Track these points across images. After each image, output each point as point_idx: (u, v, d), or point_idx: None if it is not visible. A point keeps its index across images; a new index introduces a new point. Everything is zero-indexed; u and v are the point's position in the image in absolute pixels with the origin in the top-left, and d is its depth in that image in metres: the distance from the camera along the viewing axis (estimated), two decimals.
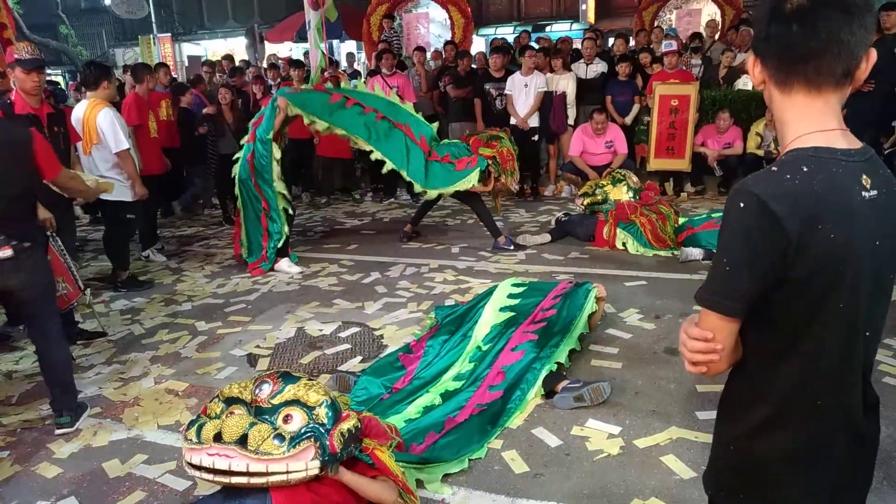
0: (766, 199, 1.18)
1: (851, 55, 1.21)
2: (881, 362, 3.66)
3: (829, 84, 1.23)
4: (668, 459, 2.91)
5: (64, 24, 24.69)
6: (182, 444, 2.19)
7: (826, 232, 1.18)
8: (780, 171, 1.22)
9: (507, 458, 2.99)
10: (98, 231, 8.10)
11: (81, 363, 4.24)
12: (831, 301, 1.23)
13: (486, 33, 20.55)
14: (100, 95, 5.33)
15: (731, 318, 1.26)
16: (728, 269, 1.24)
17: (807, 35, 1.20)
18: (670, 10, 12.09)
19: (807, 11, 1.19)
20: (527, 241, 6.39)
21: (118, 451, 3.22)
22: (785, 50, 1.24)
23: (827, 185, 1.20)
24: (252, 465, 2.09)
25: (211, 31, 25.73)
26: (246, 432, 2.10)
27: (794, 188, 1.19)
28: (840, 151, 1.23)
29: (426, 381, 3.57)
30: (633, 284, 5.14)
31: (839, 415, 1.32)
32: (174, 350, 4.37)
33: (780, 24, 1.23)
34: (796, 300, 1.23)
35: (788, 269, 1.20)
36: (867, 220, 1.21)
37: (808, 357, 1.27)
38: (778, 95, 1.30)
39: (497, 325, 3.83)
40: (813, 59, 1.22)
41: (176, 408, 3.60)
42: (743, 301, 1.24)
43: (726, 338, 1.28)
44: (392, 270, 5.83)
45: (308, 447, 2.13)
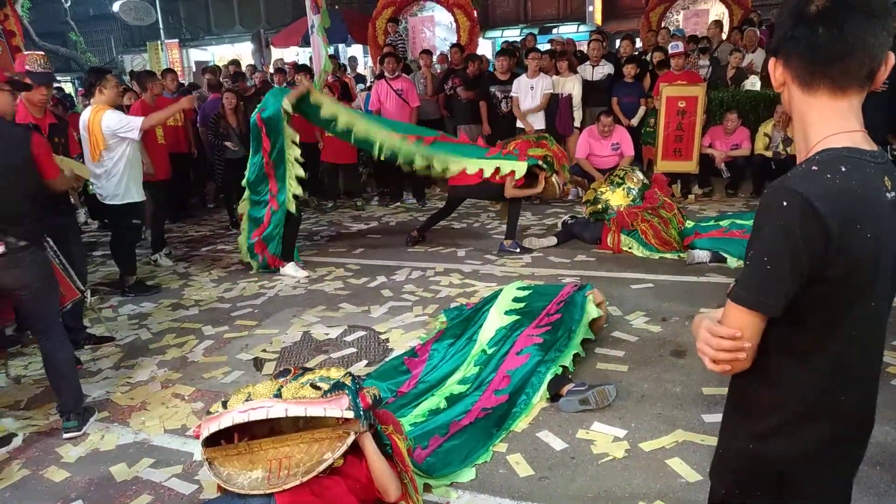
0: (810, 197, 1.19)
1: (874, 57, 1.23)
2: (889, 364, 3.64)
3: (855, 86, 1.26)
4: (673, 462, 2.90)
5: (73, 31, 24.87)
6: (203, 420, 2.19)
7: (864, 231, 1.20)
8: (821, 171, 1.23)
9: (511, 462, 2.99)
10: (106, 237, 8.16)
11: (89, 367, 4.27)
12: (865, 299, 1.25)
13: (493, 36, 20.55)
14: (99, 100, 5.35)
15: (765, 315, 1.27)
16: (769, 267, 1.24)
17: (833, 37, 1.22)
18: (677, 10, 12.06)
19: (833, 14, 1.21)
20: (533, 245, 6.38)
21: (125, 455, 3.24)
22: (811, 52, 1.26)
23: (863, 186, 1.22)
24: (291, 408, 2.08)
25: (218, 37, 25.87)
26: (278, 391, 2.14)
27: (835, 187, 1.20)
28: (868, 153, 1.26)
29: (431, 385, 3.57)
30: (640, 287, 5.13)
31: (861, 411, 1.34)
32: (181, 354, 4.39)
33: (806, 26, 1.24)
34: (830, 299, 1.25)
35: (827, 267, 1.21)
36: (892, 220, 1.24)
37: (838, 355, 1.28)
38: (801, 96, 1.31)
39: (502, 328, 3.83)
40: (839, 61, 1.24)
41: (182, 412, 3.62)
42: (782, 299, 1.25)
43: (755, 335, 1.29)
44: (398, 274, 5.84)
45: (342, 395, 2.17)
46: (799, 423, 1.32)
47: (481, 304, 4.23)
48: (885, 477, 2.72)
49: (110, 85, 5.42)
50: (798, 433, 1.33)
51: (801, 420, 1.32)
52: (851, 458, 1.39)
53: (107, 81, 5.41)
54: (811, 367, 1.29)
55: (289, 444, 2.17)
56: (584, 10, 19.90)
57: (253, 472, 2.16)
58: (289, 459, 2.16)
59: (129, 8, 20.86)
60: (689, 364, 3.79)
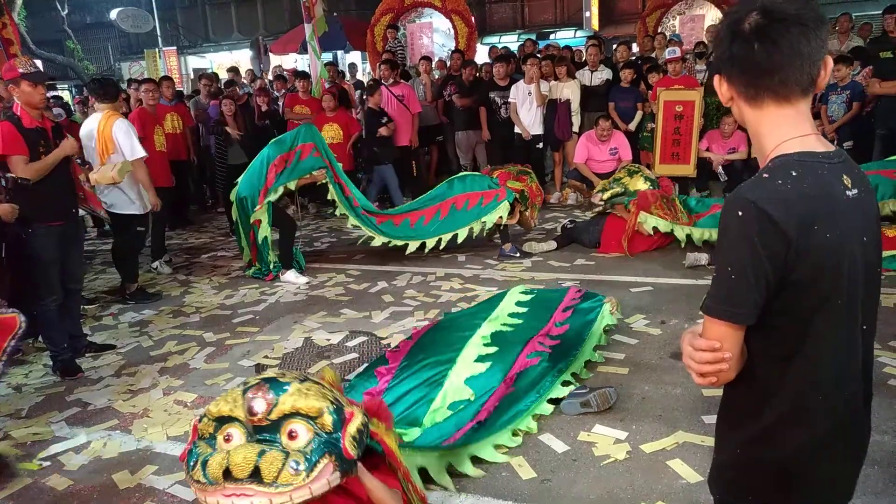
0: (762, 204, 1.22)
1: (812, 64, 1.27)
2: (886, 364, 3.66)
3: (797, 93, 1.30)
4: (674, 464, 2.92)
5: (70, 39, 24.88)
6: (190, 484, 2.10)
7: (822, 232, 1.23)
8: (772, 178, 1.26)
9: (514, 465, 3.00)
10: (106, 244, 8.17)
11: (90, 375, 4.28)
12: (833, 299, 1.26)
13: (490, 42, 20.62)
14: (110, 107, 5.40)
15: (739, 325, 1.28)
16: (734, 277, 1.26)
17: (770, 51, 1.26)
18: (673, 16, 12.10)
19: (766, 29, 1.25)
20: (533, 249, 6.40)
21: (128, 463, 3.24)
22: (751, 67, 1.29)
23: (816, 187, 1.24)
24: (275, 499, 1.97)
25: (216, 44, 25.91)
26: (257, 464, 1.94)
27: (787, 192, 1.23)
28: (821, 154, 1.29)
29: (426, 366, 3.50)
30: (639, 290, 5.14)
31: (846, 408, 1.35)
32: (183, 361, 4.40)
33: (743, 43, 1.28)
34: (799, 302, 1.26)
35: (790, 272, 1.23)
36: (854, 218, 1.27)
37: (815, 357, 1.29)
38: (749, 110, 1.35)
39: (504, 330, 3.81)
40: (779, 73, 1.27)
41: (185, 418, 3.62)
42: (750, 307, 1.26)
43: (734, 346, 1.30)
44: (399, 279, 5.85)
45: (326, 464, 1.99)
46: (782, 428, 1.34)
47: (480, 306, 4.23)
48: (882, 476, 2.74)
49: (121, 99, 5.54)
50: (782, 438, 1.34)
51: (784, 425, 1.33)
52: (845, 457, 1.39)
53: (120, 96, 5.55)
54: (792, 370, 1.31)
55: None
56: (581, 15, 19.97)
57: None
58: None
59: (126, 16, 20.91)
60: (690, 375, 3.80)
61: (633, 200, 6.26)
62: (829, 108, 7.39)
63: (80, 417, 3.75)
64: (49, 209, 4.18)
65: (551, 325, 3.89)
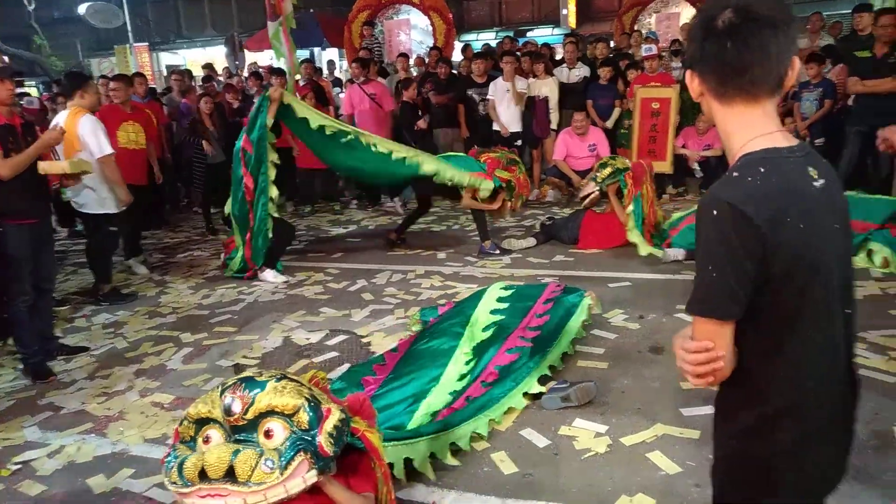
0: (736, 203, 1.25)
1: (781, 65, 1.30)
2: (857, 354, 3.69)
3: (765, 92, 1.33)
4: (654, 456, 2.93)
5: (37, 34, 24.41)
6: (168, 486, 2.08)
7: (794, 225, 1.26)
8: (742, 176, 1.30)
9: (496, 460, 3.00)
10: (77, 244, 8.04)
11: (63, 378, 4.20)
12: (813, 290, 1.29)
13: (467, 39, 20.61)
14: (79, 104, 5.28)
15: (726, 321, 1.30)
16: (715, 274, 1.29)
17: (741, 50, 1.28)
18: (650, 13, 12.21)
19: (738, 28, 1.28)
20: (512, 246, 6.41)
21: (103, 467, 3.18)
22: (722, 65, 1.32)
23: (784, 182, 1.28)
24: (249, 498, 1.97)
25: (189, 40, 25.60)
26: (231, 463, 1.94)
27: (756, 189, 1.27)
28: (785, 150, 1.32)
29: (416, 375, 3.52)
30: (618, 285, 5.17)
31: (836, 399, 1.38)
32: (159, 363, 4.34)
33: (715, 41, 1.31)
34: (781, 295, 1.29)
35: (769, 266, 1.26)
36: (823, 207, 1.31)
37: (800, 352, 1.32)
38: (718, 107, 1.38)
39: (489, 325, 3.82)
40: (748, 71, 1.30)
41: (162, 420, 3.57)
42: (734, 303, 1.29)
43: (725, 343, 1.31)
44: (378, 277, 5.82)
45: (301, 461, 1.98)
46: (772, 422, 1.35)
47: (461, 305, 4.23)
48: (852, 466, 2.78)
49: (91, 91, 5.37)
50: (775, 431, 1.36)
51: (774, 418, 1.35)
52: (837, 445, 1.43)
53: (88, 87, 5.37)
54: (780, 362, 1.33)
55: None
56: (559, 13, 20.05)
57: None
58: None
59: (95, 10, 20.53)
60: (667, 360, 3.83)
61: (628, 173, 6.18)
62: (801, 106, 7.49)
63: (52, 422, 3.67)
64: (21, 207, 4.10)
65: (531, 316, 3.91)
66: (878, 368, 3.56)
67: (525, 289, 4.35)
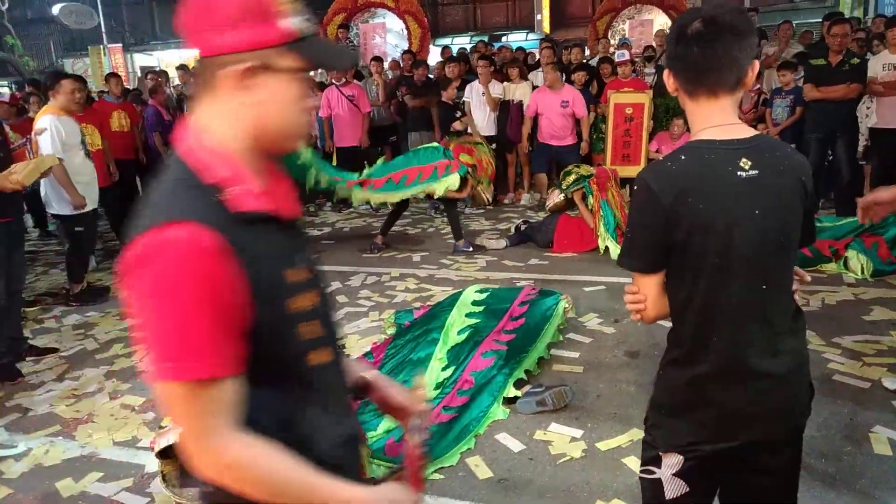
0: (649, 180, 1.53)
1: (741, 68, 1.51)
2: (830, 361, 3.77)
3: (725, 90, 1.54)
4: (629, 461, 2.95)
5: (10, 34, 24.00)
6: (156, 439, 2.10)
7: (694, 203, 1.49)
8: (665, 160, 1.58)
9: (471, 465, 3.00)
10: (47, 244, 7.91)
11: (31, 380, 4.12)
12: (709, 258, 1.51)
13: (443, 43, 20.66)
14: (53, 104, 5.22)
15: (639, 272, 1.60)
16: (630, 235, 1.61)
17: (706, 53, 1.50)
18: (623, 20, 12.32)
19: (704, 35, 1.49)
20: (485, 245, 6.46)
21: (72, 470, 3.13)
22: (690, 66, 1.54)
23: (696, 168, 1.51)
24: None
25: (164, 42, 25.31)
26: None
27: (670, 171, 1.54)
28: (720, 142, 1.52)
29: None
30: (593, 289, 5.20)
31: (731, 350, 1.55)
32: (130, 364, 4.27)
33: (684, 45, 1.52)
34: (684, 259, 1.53)
35: (671, 232, 1.51)
36: (740, 194, 1.49)
37: (702, 304, 1.54)
38: (687, 101, 1.60)
39: (464, 329, 3.82)
40: (712, 72, 1.52)
41: (133, 423, 3.52)
42: (642, 259, 1.59)
43: (648, 290, 1.60)
44: (353, 280, 5.80)
45: None
46: (686, 357, 1.60)
47: (437, 308, 4.22)
48: (829, 470, 2.82)
49: (63, 90, 5.26)
50: (684, 367, 1.60)
51: (687, 354, 1.60)
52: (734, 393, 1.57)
53: (60, 86, 5.26)
54: (688, 314, 1.57)
55: None
56: (533, 18, 20.19)
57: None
58: None
59: (69, 11, 20.25)
60: (643, 364, 3.86)
61: (592, 179, 6.28)
62: (773, 112, 7.60)
63: (20, 424, 3.60)
64: None
65: (506, 319, 3.90)
66: (853, 374, 3.61)
67: (500, 291, 4.36)
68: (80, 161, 5.35)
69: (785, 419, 1.63)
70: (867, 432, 3.08)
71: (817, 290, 4.85)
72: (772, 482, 1.66)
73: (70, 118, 5.32)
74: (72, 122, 5.33)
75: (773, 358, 1.56)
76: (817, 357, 3.73)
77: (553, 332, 3.99)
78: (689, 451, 1.60)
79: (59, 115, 5.21)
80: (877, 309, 4.49)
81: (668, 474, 1.65)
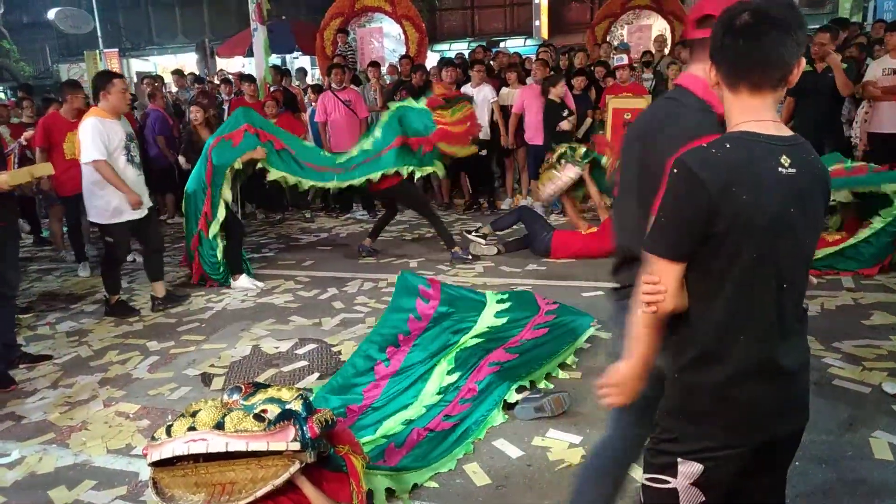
0: (693, 166, 1.47)
1: (786, 64, 1.49)
2: (830, 365, 3.75)
3: (768, 87, 1.51)
4: None
5: (6, 38, 23.98)
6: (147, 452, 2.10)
7: (738, 194, 1.45)
8: (709, 146, 1.50)
9: (468, 471, 2.97)
10: (41, 251, 7.87)
11: (25, 388, 4.09)
12: (744, 254, 1.48)
13: (441, 49, 20.67)
14: (103, 106, 5.04)
15: (668, 260, 1.53)
16: (663, 220, 1.53)
17: (751, 48, 1.48)
18: (622, 25, 12.32)
19: (752, 28, 1.46)
20: (478, 252, 6.43)
21: (65, 478, 3.09)
22: (734, 59, 1.51)
23: (741, 159, 1.47)
24: (231, 443, 2.01)
25: (160, 47, 25.32)
26: (221, 420, 2.05)
27: (715, 159, 1.47)
28: (763, 136, 1.50)
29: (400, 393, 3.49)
30: (591, 295, 5.17)
31: (759, 351, 1.53)
32: (125, 371, 4.24)
33: (731, 37, 1.49)
34: (718, 251, 1.49)
35: (710, 223, 1.46)
36: (780, 191, 1.47)
37: (732, 301, 1.51)
38: (728, 94, 1.56)
39: (480, 334, 3.77)
40: (757, 67, 1.49)
41: (127, 430, 3.48)
42: (673, 247, 1.52)
43: (670, 280, 1.53)
44: (349, 286, 5.77)
45: (287, 426, 2.08)
46: (709, 356, 1.55)
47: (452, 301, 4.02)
48: (829, 475, 2.80)
49: (116, 89, 5.04)
50: (710, 365, 1.55)
51: (710, 354, 1.55)
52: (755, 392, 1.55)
53: (112, 86, 5.03)
54: (715, 308, 1.53)
55: (234, 470, 2.11)
56: (531, 24, 20.22)
57: (196, 496, 2.10)
58: (232, 486, 2.10)
59: (65, 16, 20.23)
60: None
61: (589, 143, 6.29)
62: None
63: (13, 431, 3.56)
64: None
65: (523, 332, 3.84)
66: (852, 379, 3.59)
67: (521, 301, 4.19)
68: (122, 166, 5.08)
69: (800, 416, 1.63)
70: (867, 437, 3.05)
71: (817, 294, 4.83)
72: (772, 481, 1.66)
73: (115, 121, 5.08)
74: (117, 124, 5.08)
75: (791, 356, 1.56)
76: (817, 362, 3.71)
77: (570, 353, 3.93)
78: (710, 458, 1.57)
79: (105, 117, 5.00)
80: (876, 314, 4.47)
81: (685, 484, 1.60)
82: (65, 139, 6.25)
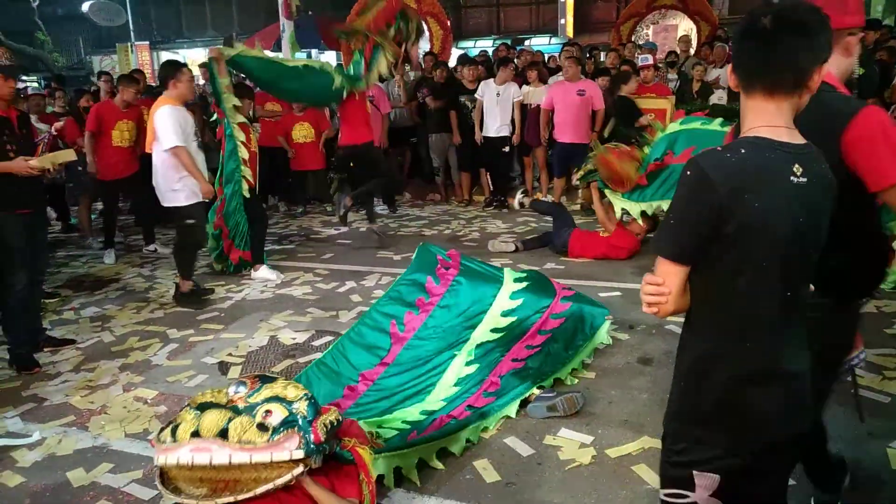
0: (707, 169, 1.46)
1: (803, 71, 1.47)
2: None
3: (782, 92, 1.49)
4: (639, 469, 2.91)
5: (41, 30, 24.42)
6: (155, 449, 2.13)
7: (750, 200, 1.44)
8: (724, 150, 1.50)
9: (478, 468, 2.98)
10: (69, 237, 8.01)
11: (48, 370, 4.17)
12: (755, 258, 1.48)
13: (466, 46, 20.67)
14: (171, 94, 5.17)
15: (675, 262, 1.52)
16: (672, 222, 1.53)
17: (767, 52, 1.47)
18: (647, 25, 12.24)
19: (769, 33, 1.45)
20: (494, 248, 6.44)
21: (83, 460, 3.16)
22: (750, 62, 1.52)
23: (756, 165, 1.46)
24: (235, 455, 2.01)
25: (190, 40, 25.63)
26: (225, 427, 2.04)
27: (730, 163, 1.46)
28: (778, 143, 1.48)
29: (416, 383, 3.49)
30: (608, 295, 5.15)
31: (765, 355, 1.54)
32: (144, 358, 4.31)
33: (749, 41, 1.50)
34: (726, 255, 1.48)
35: (720, 227, 1.45)
36: (791, 199, 1.46)
37: (737, 305, 1.52)
38: (744, 97, 1.56)
39: (498, 328, 3.72)
40: (771, 71, 1.48)
41: (145, 415, 3.54)
42: (683, 248, 1.51)
43: (674, 283, 1.53)
44: (367, 280, 5.80)
45: (292, 435, 2.08)
46: (718, 359, 1.55)
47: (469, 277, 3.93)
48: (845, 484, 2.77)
49: (185, 78, 5.21)
50: (720, 368, 1.55)
51: (719, 357, 1.55)
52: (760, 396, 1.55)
53: (182, 74, 5.20)
54: (712, 313, 1.54)
55: (241, 468, 2.12)
56: (556, 23, 20.14)
57: (198, 490, 2.13)
58: (235, 483, 2.13)
59: (98, 8, 20.58)
60: (656, 371, 3.82)
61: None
62: None
63: (35, 413, 3.64)
64: (16, 197, 4.07)
65: (541, 322, 3.77)
66: (872, 388, 3.53)
67: (538, 284, 4.10)
68: (195, 151, 5.21)
69: (808, 417, 1.64)
70: (885, 447, 3.01)
71: None
72: (775, 483, 1.65)
73: (183, 108, 5.23)
74: (186, 112, 5.25)
75: (798, 358, 1.57)
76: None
77: (589, 350, 3.91)
78: (724, 466, 1.56)
79: (176, 105, 5.13)
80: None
81: (704, 496, 1.58)
82: (114, 126, 6.58)
